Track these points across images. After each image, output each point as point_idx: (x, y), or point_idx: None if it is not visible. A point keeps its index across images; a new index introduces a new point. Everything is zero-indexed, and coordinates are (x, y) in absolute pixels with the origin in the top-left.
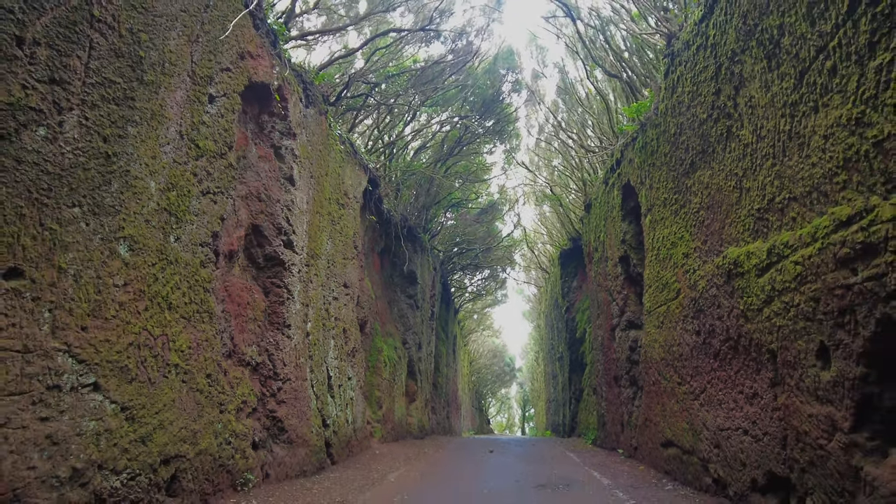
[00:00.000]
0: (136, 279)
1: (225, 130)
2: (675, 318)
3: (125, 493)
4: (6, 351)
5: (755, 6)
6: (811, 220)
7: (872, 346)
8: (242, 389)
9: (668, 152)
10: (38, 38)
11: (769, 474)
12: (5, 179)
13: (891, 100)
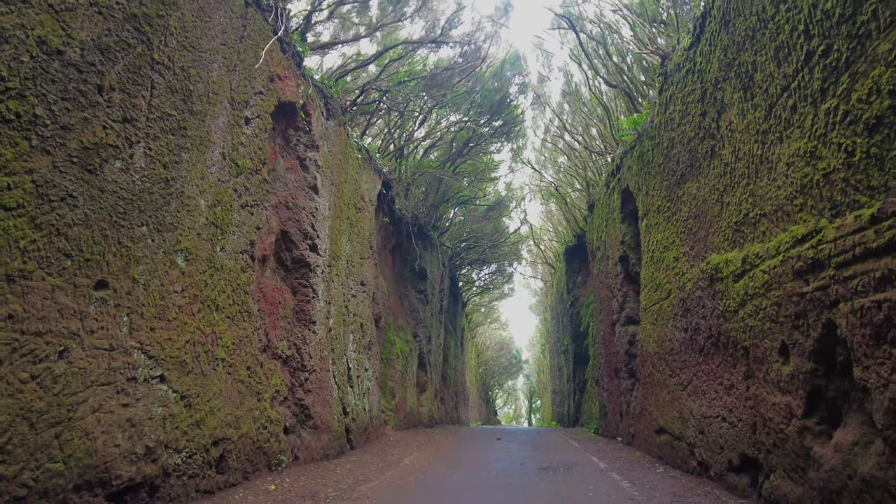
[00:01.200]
0: (191, 285)
1: (259, 149)
2: (666, 315)
3: (185, 468)
4: (98, 349)
5: (734, 42)
6: (776, 235)
7: (820, 345)
8: (275, 380)
9: (662, 163)
10: (113, 85)
11: (742, 455)
12: (93, 207)
13: (836, 139)
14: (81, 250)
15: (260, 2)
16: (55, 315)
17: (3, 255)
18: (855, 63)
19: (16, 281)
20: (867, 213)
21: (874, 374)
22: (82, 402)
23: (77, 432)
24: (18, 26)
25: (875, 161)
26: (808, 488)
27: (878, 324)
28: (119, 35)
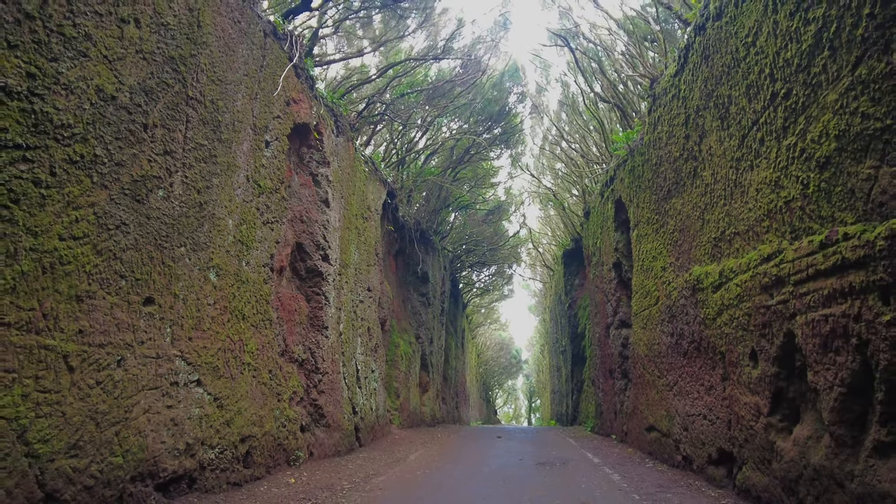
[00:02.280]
0: (222, 298)
1: (278, 169)
2: (655, 321)
3: (217, 463)
4: (147, 358)
5: (713, 75)
6: (748, 253)
7: (781, 352)
8: (293, 382)
9: (651, 178)
10: (156, 122)
11: (720, 450)
12: (142, 232)
13: (795, 172)
14: (133, 271)
15: (276, 31)
16: (113, 329)
17: (73, 279)
18: (809, 107)
19: (84, 300)
20: (818, 239)
21: (823, 378)
22: (135, 405)
23: (132, 430)
24: (81, 78)
25: (824, 195)
26: (773, 478)
27: (825, 335)
28: (160, 77)
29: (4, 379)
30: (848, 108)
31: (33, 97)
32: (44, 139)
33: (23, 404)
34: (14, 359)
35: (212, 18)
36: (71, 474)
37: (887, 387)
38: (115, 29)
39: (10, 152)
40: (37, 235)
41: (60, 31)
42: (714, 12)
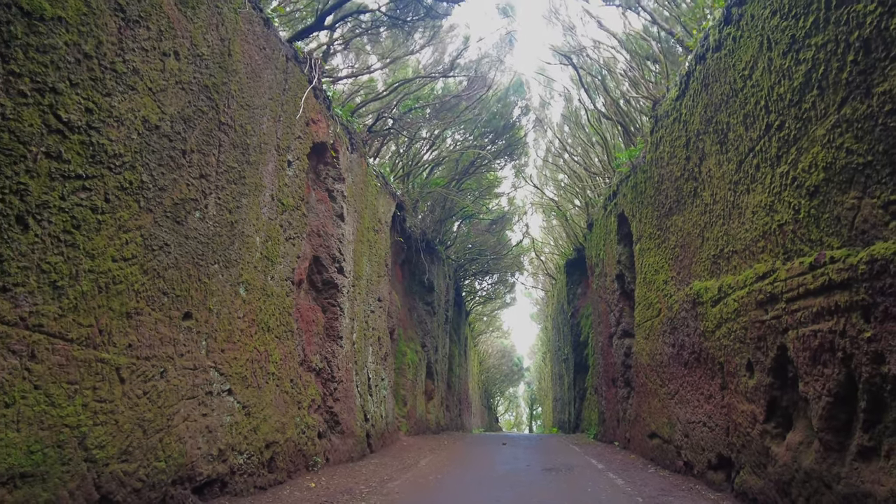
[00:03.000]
0: (250, 311)
1: (299, 187)
2: (657, 332)
3: (245, 468)
4: (186, 369)
5: (712, 102)
6: (744, 271)
7: (775, 363)
8: (311, 390)
9: (653, 195)
10: (193, 148)
11: (719, 455)
12: (181, 252)
13: (787, 198)
14: (174, 288)
15: (297, 55)
16: (157, 343)
17: (124, 297)
18: (800, 140)
19: (132, 317)
20: (807, 261)
21: (812, 388)
22: (176, 413)
23: (173, 437)
24: (130, 110)
25: (814, 220)
26: (768, 481)
27: (814, 348)
28: (196, 105)
29: (68, 390)
30: (834, 142)
31: (91, 130)
32: (99, 168)
33: (83, 413)
34: (76, 372)
35: (240, 47)
36: (123, 478)
37: (869, 396)
38: (158, 62)
39: (72, 182)
40: (94, 258)
41: (113, 67)
42: (713, 44)
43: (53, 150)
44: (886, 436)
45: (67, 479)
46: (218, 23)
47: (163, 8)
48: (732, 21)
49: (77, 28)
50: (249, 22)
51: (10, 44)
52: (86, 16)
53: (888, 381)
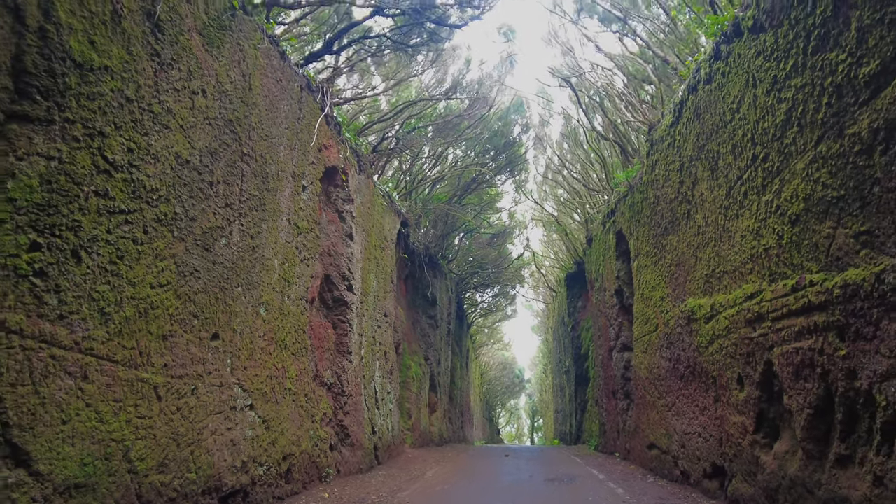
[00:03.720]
0: (269, 330)
1: (312, 211)
2: (654, 346)
3: (264, 479)
4: (213, 386)
5: (703, 131)
6: (734, 290)
7: (763, 378)
8: (323, 404)
9: (650, 215)
10: (219, 179)
11: (713, 465)
12: (209, 276)
13: (772, 224)
14: (203, 311)
15: (311, 85)
16: (189, 362)
17: (160, 321)
18: (783, 171)
19: (168, 339)
20: (790, 284)
21: (795, 401)
22: (205, 428)
23: (202, 450)
24: (164, 147)
25: (795, 246)
26: (757, 488)
27: (796, 364)
28: (221, 139)
29: (114, 408)
30: (812, 176)
31: (132, 168)
32: (139, 203)
33: (126, 428)
34: (120, 390)
35: (260, 80)
36: (160, 488)
37: (844, 409)
38: (188, 101)
39: (116, 216)
40: (135, 285)
41: (150, 108)
42: (705, 77)
43: (101, 189)
44: (860, 445)
45: (114, 490)
46: (240, 59)
47: (192, 49)
48: (722, 57)
49: (120, 75)
50: (267, 56)
51: (66, 94)
52: (127, 63)
53: (860, 395)
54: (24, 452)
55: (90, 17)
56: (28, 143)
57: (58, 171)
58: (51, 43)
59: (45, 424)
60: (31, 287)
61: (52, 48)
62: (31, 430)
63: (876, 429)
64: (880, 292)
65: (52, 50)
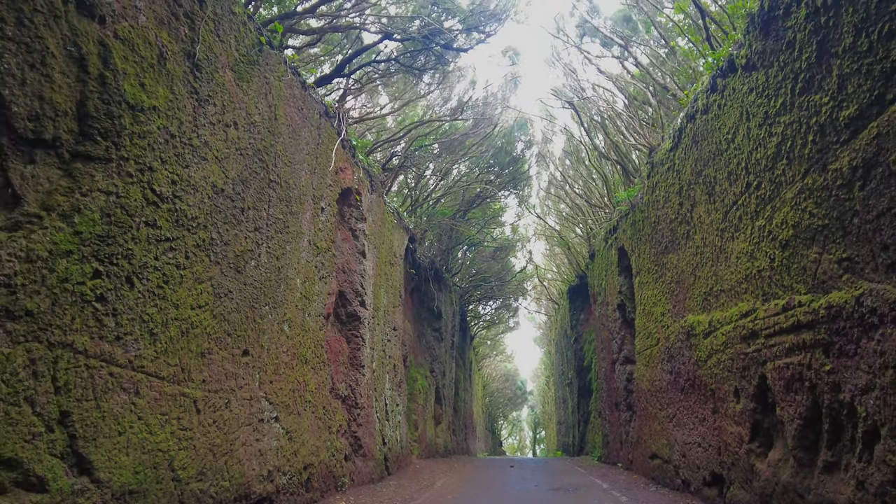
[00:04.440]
0: (291, 346)
1: (330, 231)
2: (656, 360)
3: (287, 487)
4: (244, 399)
5: (701, 157)
6: (731, 308)
7: (758, 390)
8: (338, 416)
9: (650, 234)
10: (249, 205)
11: (712, 473)
12: (241, 297)
13: (765, 248)
14: (235, 329)
15: (328, 111)
16: (223, 377)
17: (199, 339)
18: (774, 199)
19: (205, 356)
20: (780, 304)
21: (787, 412)
22: (237, 439)
23: (234, 460)
24: (202, 178)
25: (786, 269)
26: (753, 494)
27: (787, 378)
28: (251, 168)
29: (161, 420)
30: (800, 205)
31: (175, 198)
32: (181, 231)
33: (171, 439)
34: (166, 404)
35: (283, 110)
36: (199, 495)
37: (830, 420)
38: (223, 133)
39: (162, 244)
40: (178, 307)
41: (190, 142)
42: (702, 107)
43: (150, 219)
44: (844, 452)
45: (161, 496)
46: (266, 91)
47: (225, 85)
48: (718, 90)
49: (165, 113)
50: (290, 87)
51: (121, 133)
52: (171, 101)
53: (844, 407)
54: (87, 461)
55: (140, 62)
56: (90, 180)
57: (115, 204)
58: (109, 88)
59: (104, 436)
60: (93, 311)
61: (110, 92)
62: (94, 441)
63: (858, 437)
64: (860, 314)
65: (110, 94)
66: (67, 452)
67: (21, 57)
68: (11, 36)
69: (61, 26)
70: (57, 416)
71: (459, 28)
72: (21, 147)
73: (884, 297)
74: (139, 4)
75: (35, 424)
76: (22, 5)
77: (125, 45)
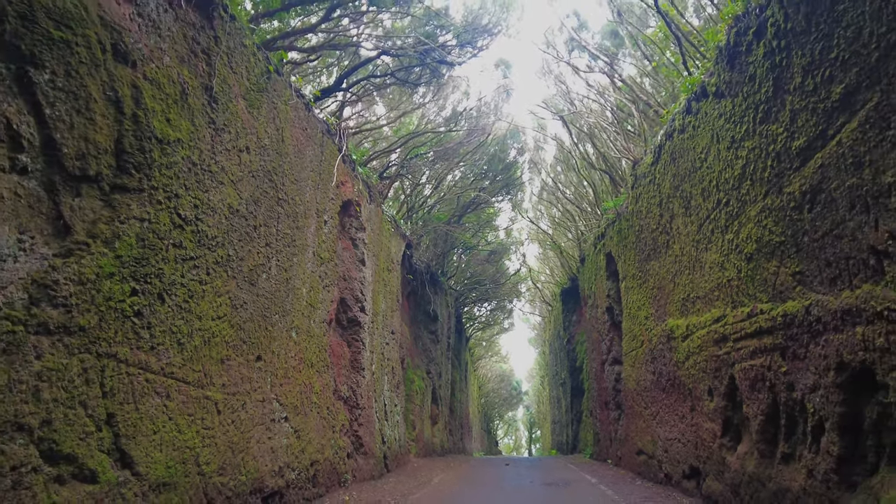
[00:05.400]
0: (298, 351)
1: (332, 242)
2: (641, 361)
3: (296, 482)
4: (257, 401)
5: (678, 173)
6: (705, 314)
7: (728, 389)
8: (341, 416)
9: (635, 242)
10: (260, 223)
11: (691, 466)
12: (254, 307)
13: (733, 259)
14: (250, 337)
15: (329, 129)
16: (239, 381)
17: (219, 347)
18: (741, 216)
19: (224, 362)
20: (745, 311)
21: (751, 410)
22: (251, 437)
23: (250, 456)
24: (220, 200)
25: (750, 280)
26: (725, 485)
27: (752, 378)
28: (262, 188)
29: (188, 420)
30: (762, 222)
31: (198, 221)
32: (203, 250)
33: (196, 438)
34: (192, 406)
35: (290, 132)
36: (220, 488)
37: (786, 416)
38: (237, 158)
39: (187, 263)
40: (201, 319)
41: (209, 169)
42: (679, 127)
43: (177, 241)
44: (798, 444)
45: (188, 489)
46: (274, 116)
47: (238, 114)
48: (692, 112)
49: (188, 144)
50: (295, 109)
51: (151, 166)
52: (192, 133)
53: (797, 404)
54: (129, 457)
55: (165, 99)
56: (127, 209)
57: (147, 229)
58: (141, 125)
59: (142, 434)
60: (132, 325)
61: (142, 129)
62: (134, 439)
63: (808, 431)
64: (808, 322)
65: (141, 131)
66: (112, 449)
67: (70, 104)
68: (62, 86)
69: (101, 73)
70: (104, 417)
71: (453, 44)
72: (70, 183)
73: (827, 307)
74: (164, 46)
75: (87, 425)
76: (70, 59)
77: (153, 85)
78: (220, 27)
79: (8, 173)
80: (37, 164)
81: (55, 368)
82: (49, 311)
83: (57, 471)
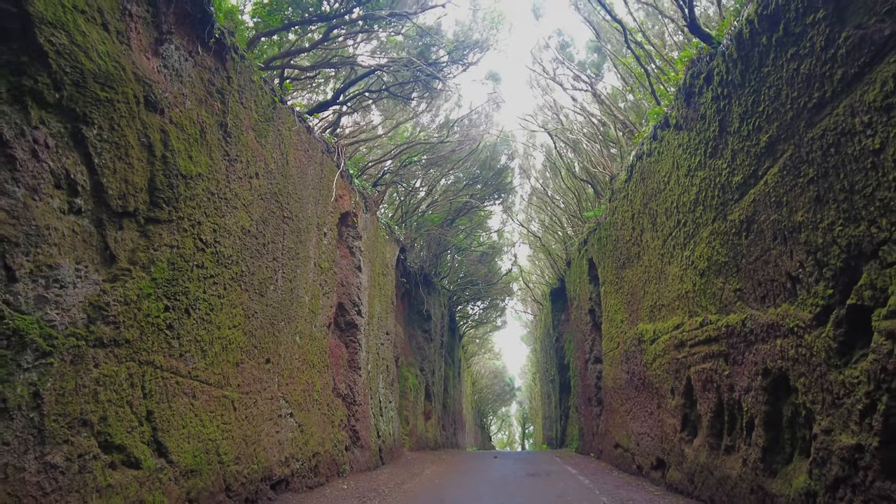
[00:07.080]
0: (301, 353)
1: (331, 252)
2: (617, 361)
3: (300, 472)
4: (266, 399)
5: (647, 192)
6: (668, 320)
7: (686, 389)
8: (340, 412)
9: (612, 250)
10: (268, 240)
11: (657, 458)
12: (264, 316)
13: (689, 274)
14: (261, 343)
15: (328, 148)
16: (252, 381)
17: (235, 352)
18: (695, 236)
19: (239, 365)
20: (698, 320)
21: (703, 408)
22: (262, 431)
23: (261, 448)
24: (234, 223)
25: (702, 293)
26: (683, 474)
27: (703, 380)
28: (269, 209)
29: (210, 416)
30: (712, 244)
31: (216, 243)
32: (220, 268)
33: (217, 432)
34: (213, 405)
35: (293, 155)
36: (236, 475)
37: (728, 413)
38: (248, 184)
39: (208, 280)
40: (220, 328)
41: (224, 196)
42: (647, 150)
43: (199, 262)
44: (737, 438)
45: (211, 475)
46: (279, 142)
47: (249, 144)
48: (658, 138)
49: (207, 177)
50: (298, 133)
51: (178, 199)
52: (210, 166)
53: (736, 403)
54: (164, 447)
55: (188, 139)
56: (159, 238)
57: (176, 254)
58: (168, 165)
59: (174, 429)
60: (165, 336)
61: (170, 168)
62: (168, 433)
63: (743, 426)
64: (744, 332)
65: (169, 169)
66: (151, 441)
67: (113, 152)
68: (106, 138)
69: (136, 123)
70: (145, 414)
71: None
72: (114, 219)
73: (758, 321)
74: (185, 91)
75: (132, 420)
76: (112, 114)
77: (177, 128)
78: (231, 67)
79: (67, 214)
80: (88, 205)
81: (108, 375)
82: (103, 327)
83: (111, 458)
